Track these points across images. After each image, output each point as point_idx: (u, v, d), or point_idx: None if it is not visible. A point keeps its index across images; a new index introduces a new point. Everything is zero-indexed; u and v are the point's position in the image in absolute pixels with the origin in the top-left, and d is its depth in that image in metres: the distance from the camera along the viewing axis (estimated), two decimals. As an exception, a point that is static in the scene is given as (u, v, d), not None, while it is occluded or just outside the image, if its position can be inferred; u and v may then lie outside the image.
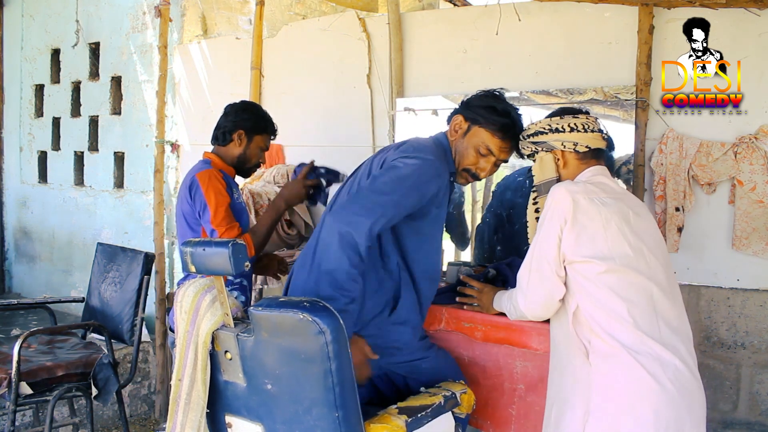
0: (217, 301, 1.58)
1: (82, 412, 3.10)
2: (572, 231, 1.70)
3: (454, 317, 2.27)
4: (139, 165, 4.40)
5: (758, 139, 2.42)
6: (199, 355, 1.59)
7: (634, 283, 1.69)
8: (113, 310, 2.89)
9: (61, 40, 4.90)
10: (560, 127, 1.89)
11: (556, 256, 1.72)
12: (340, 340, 1.42)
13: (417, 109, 3.16)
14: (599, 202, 1.73)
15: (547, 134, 1.90)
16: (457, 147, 2.07)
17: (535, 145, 1.94)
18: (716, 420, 2.54)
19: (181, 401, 1.62)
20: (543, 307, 1.77)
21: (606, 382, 1.66)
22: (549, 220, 1.74)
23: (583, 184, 1.80)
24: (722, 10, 2.44)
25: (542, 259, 1.74)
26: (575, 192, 1.73)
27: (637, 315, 1.66)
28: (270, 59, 3.73)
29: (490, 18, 2.94)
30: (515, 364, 2.13)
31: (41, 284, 5.16)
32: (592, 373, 1.68)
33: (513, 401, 2.16)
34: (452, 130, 2.09)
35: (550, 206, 1.75)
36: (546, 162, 1.92)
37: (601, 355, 1.66)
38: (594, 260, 1.67)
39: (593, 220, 1.70)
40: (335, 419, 1.46)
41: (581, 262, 1.69)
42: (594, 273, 1.68)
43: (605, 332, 1.66)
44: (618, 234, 1.71)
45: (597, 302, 1.68)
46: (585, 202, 1.71)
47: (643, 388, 1.61)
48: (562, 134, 1.88)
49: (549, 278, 1.73)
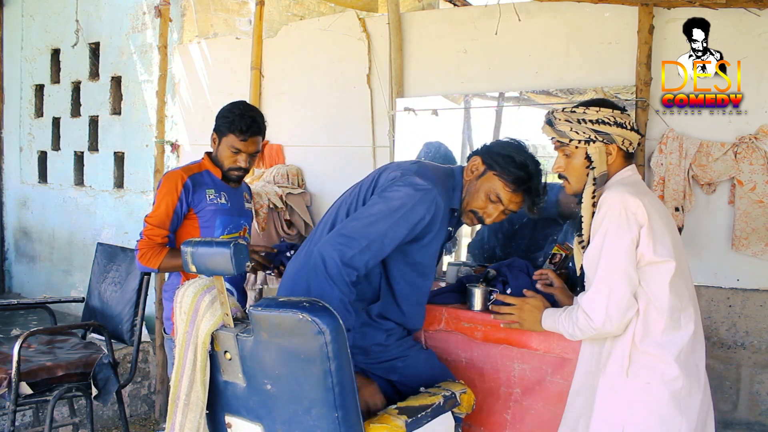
0: (217, 302, 1.58)
1: (82, 412, 3.10)
2: (650, 234, 1.68)
3: (454, 317, 2.27)
4: (139, 165, 4.41)
5: (758, 139, 2.42)
6: (198, 355, 1.59)
7: (688, 286, 1.76)
8: (113, 310, 2.89)
9: (61, 40, 4.90)
10: (625, 123, 1.81)
11: (634, 265, 1.69)
12: (339, 340, 1.42)
13: (417, 109, 3.16)
14: (653, 202, 1.75)
15: (612, 126, 1.80)
16: (469, 187, 2.08)
17: (595, 133, 1.81)
18: (716, 420, 2.54)
19: (181, 402, 1.62)
20: (622, 322, 1.71)
21: (644, 398, 1.68)
22: (621, 228, 1.69)
23: (635, 185, 1.78)
24: (722, 10, 2.44)
25: (621, 271, 1.69)
26: (639, 195, 1.71)
27: (688, 319, 1.72)
28: (270, 59, 3.73)
29: (490, 18, 2.93)
30: (513, 366, 2.13)
31: (41, 284, 5.16)
32: (629, 387, 1.70)
33: (508, 406, 2.15)
34: (468, 170, 2.10)
35: (619, 213, 1.69)
36: (602, 154, 1.82)
37: (644, 369, 1.69)
38: (671, 260, 1.68)
39: (660, 223, 1.71)
40: (335, 419, 1.46)
41: (660, 262, 1.68)
42: (667, 274, 1.68)
43: (655, 343, 1.69)
44: (675, 234, 1.75)
45: (660, 310, 1.69)
46: (649, 203, 1.71)
47: (680, 405, 1.68)
48: (625, 131, 1.81)
49: (628, 290, 1.69)
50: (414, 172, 1.98)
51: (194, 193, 2.39)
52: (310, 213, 3.58)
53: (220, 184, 2.48)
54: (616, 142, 1.81)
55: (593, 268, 1.74)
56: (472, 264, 2.90)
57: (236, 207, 2.53)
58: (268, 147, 3.74)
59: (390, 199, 1.90)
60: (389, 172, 2.04)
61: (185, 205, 2.38)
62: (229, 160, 2.44)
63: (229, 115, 2.41)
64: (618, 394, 1.71)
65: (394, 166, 2.10)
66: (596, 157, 1.82)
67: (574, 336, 1.83)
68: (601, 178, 1.82)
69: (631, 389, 1.70)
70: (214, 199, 2.43)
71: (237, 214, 2.53)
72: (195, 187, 2.40)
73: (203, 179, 2.44)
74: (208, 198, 2.41)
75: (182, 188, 2.36)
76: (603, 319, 1.70)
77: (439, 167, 2.13)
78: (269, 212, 3.36)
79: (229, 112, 2.42)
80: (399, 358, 2.10)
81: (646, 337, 1.70)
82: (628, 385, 1.70)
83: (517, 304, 2.05)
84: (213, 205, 2.43)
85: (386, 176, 2.04)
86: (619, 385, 1.71)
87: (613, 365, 1.73)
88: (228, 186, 2.51)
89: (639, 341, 1.70)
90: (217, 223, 2.44)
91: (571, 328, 1.81)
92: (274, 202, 3.36)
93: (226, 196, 2.48)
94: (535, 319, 1.99)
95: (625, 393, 1.70)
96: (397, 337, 2.12)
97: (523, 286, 2.16)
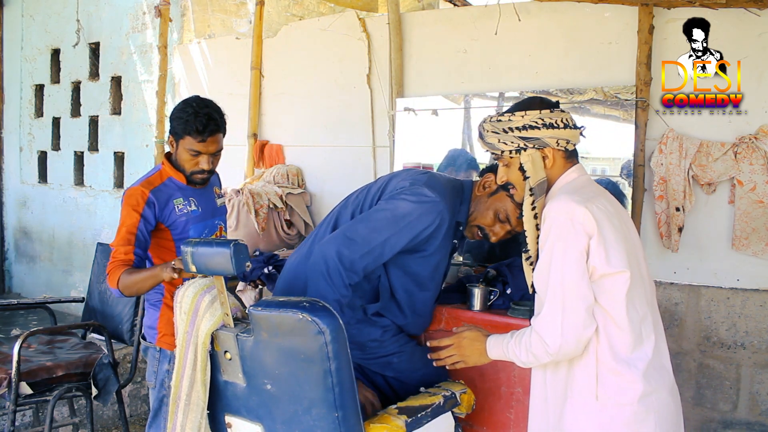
0: (217, 301, 1.58)
1: (82, 412, 3.10)
2: (600, 244, 1.54)
3: (454, 317, 2.27)
4: (139, 165, 4.40)
5: (758, 139, 2.42)
6: (198, 355, 1.59)
7: (646, 291, 1.64)
8: (113, 310, 2.89)
9: (61, 40, 4.90)
10: (555, 122, 1.66)
11: (586, 280, 1.55)
12: (339, 340, 1.42)
13: (417, 109, 3.16)
14: (604, 208, 1.60)
15: (540, 129, 1.66)
16: (478, 203, 2.08)
17: (523, 140, 1.67)
18: (716, 420, 2.54)
19: (181, 402, 1.62)
20: (579, 342, 1.56)
21: (619, 419, 1.57)
22: (568, 241, 1.55)
23: (581, 190, 1.64)
24: (722, 10, 2.44)
25: (572, 287, 1.55)
26: (586, 203, 1.56)
27: (649, 329, 1.61)
28: (270, 59, 3.73)
29: (490, 18, 2.93)
30: (513, 367, 2.12)
31: (41, 284, 5.16)
32: (601, 410, 1.58)
33: (510, 405, 2.15)
34: (480, 186, 2.10)
35: (565, 226, 1.56)
36: (537, 161, 1.68)
37: (614, 390, 1.57)
38: (625, 270, 1.55)
39: (611, 231, 1.57)
40: (335, 419, 1.46)
41: (614, 273, 1.54)
42: (621, 286, 1.55)
43: (622, 361, 1.56)
44: (628, 240, 1.62)
45: (618, 324, 1.56)
46: (598, 211, 1.56)
47: (657, 419, 1.58)
48: (557, 130, 1.66)
49: (582, 307, 1.55)
50: (423, 183, 1.98)
51: (160, 208, 2.21)
52: (310, 213, 3.58)
53: (187, 189, 2.29)
54: (549, 145, 1.67)
55: (544, 286, 1.60)
56: (472, 264, 2.90)
57: (208, 209, 2.36)
58: (268, 147, 3.74)
59: (396, 207, 1.91)
60: (399, 180, 2.04)
61: (151, 223, 2.20)
62: (189, 164, 2.23)
63: (183, 115, 2.18)
64: (590, 419, 1.59)
65: (404, 174, 2.10)
66: (529, 166, 1.68)
67: (527, 363, 1.66)
68: (540, 186, 1.69)
69: (603, 412, 1.57)
70: (184, 209, 2.26)
71: (210, 216, 2.37)
72: (159, 201, 2.21)
73: (167, 189, 2.25)
74: (177, 209, 2.24)
75: (144, 206, 2.17)
76: (559, 341, 1.55)
77: (449, 180, 2.13)
78: (269, 212, 3.37)
79: (182, 111, 2.19)
80: (394, 354, 2.11)
81: (611, 356, 1.56)
82: (600, 408, 1.58)
83: (454, 341, 1.86)
84: (184, 216, 2.26)
85: (395, 183, 2.04)
86: (590, 410, 1.59)
87: (580, 390, 1.60)
88: (195, 189, 2.31)
89: (605, 361, 1.57)
90: (191, 232, 2.29)
91: (524, 354, 1.64)
92: (274, 202, 3.36)
93: (195, 201, 2.30)
94: (478, 351, 1.80)
95: (598, 417, 1.58)
96: (393, 334, 2.13)
97: (523, 286, 2.16)
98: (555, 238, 1.57)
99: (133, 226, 2.15)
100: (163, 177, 2.28)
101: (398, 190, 1.98)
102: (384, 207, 1.93)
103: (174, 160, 2.29)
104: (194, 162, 2.22)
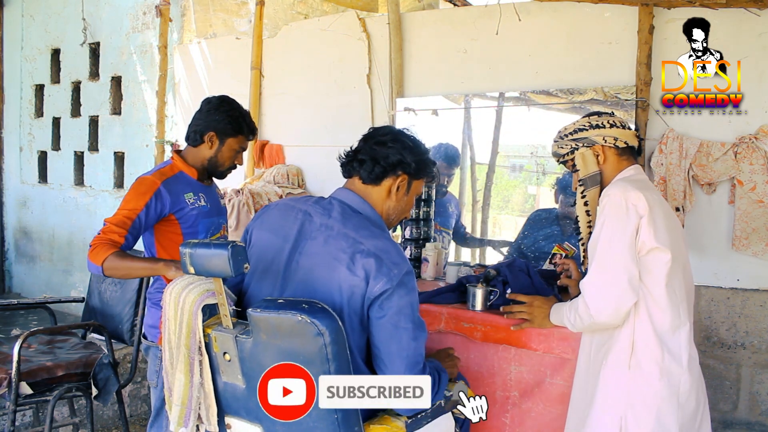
0: (197, 282, 1.57)
1: (82, 412, 3.10)
2: (650, 223, 1.71)
3: (453, 317, 2.26)
4: (139, 165, 4.40)
5: (758, 139, 2.42)
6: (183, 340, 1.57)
7: (686, 281, 1.79)
8: (113, 310, 2.88)
9: (61, 40, 4.90)
10: (600, 123, 1.92)
11: (633, 255, 1.71)
12: (338, 342, 1.42)
13: (417, 109, 3.16)
14: (656, 197, 1.78)
15: (588, 130, 1.93)
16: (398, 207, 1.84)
17: (575, 141, 1.95)
18: (716, 420, 2.54)
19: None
20: (618, 311, 1.72)
21: (644, 391, 1.71)
22: (620, 218, 1.72)
23: (637, 182, 1.81)
24: (722, 10, 2.44)
25: (618, 259, 1.71)
26: (640, 189, 1.75)
27: (685, 315, 1.75)
28: (270, 59, 3.72)
29: (490, 18, 2.93)
30: (509, 369, 2.12)
31: (41, 284, 5.16)
32: (631, 379, 1.73)
33: (506, 409, 2.15)
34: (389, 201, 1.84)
35: (619, 206, 1.73)
36: (587, 157, 1.94)
37: (645, 363, 1.72)
38: (668, 250, 1.70)
39: (662, 215, 1.74)
40: (334, 420, 1.46)
41: (658, 249, 1.70)
42: (663, 266, 1.71)
43: (656, 336, 1.72)
44: (675, 229, 1.78)
45: (658, 302, 1.72)
46: (651, 197, 1.75)
47: (678, 401, 1.72)
48: (603, 129, 1.91)
49: (624, 278, 1.70)
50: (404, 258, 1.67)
51: (171, 199, 2.23)
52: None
53: (197, 185, 2.34)
54: (597, 143, 1.91)
55: (593, 255, 1.78)
56: (471, 264, 2.90)
57: (215, 207, 2.41)
58: (268, 147, 3.73)
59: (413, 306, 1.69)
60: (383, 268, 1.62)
61: (152, 215, 2.21)
62: (230, 161, 2.37)
63: (232, 115, 2.31)
64: (618, 385, 1.74)
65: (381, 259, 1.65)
66: (579, 161, 1.95)
67: (575, 326, 1.85)
68: (592, 178, 1.94)
69: (631, 381, 1.73)
70: (195, 203, 2.30)
71: (216, 214, 2.41)
72: (171, 192, 2.23)
73: (178, 182, 2.28)
74: (189, 202, 2.27)
75: (151, 196, 2.18)
76: (600, 305, 1.72)
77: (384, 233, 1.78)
78: (269, 212, 3.36)
79: (228, 112, 2.31)
80: None
81: (650, 331, 1.72)
82: (630, 377, 1.73)
83: (527, 301, 2.09)
84: (195, 209, 2.29)
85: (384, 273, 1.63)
86: (619, 377, 1.74)
87: (615, 357, 1.75)
88: (204, 186, 2.38)
89: (642, 336, 1.72)
90: (200, 227, 2.32)
91: (573, 317, 1.84)
92: (274, 202, 3.35)
93: (204, 198, 2.35)
94: (544, 314, 2.03)
95: (626, 385, 1.73)
96: None
97: (523, 285, 2.17)
98: (608, 214, 1.75)
99: (134, 212, 2.15)
100: (174, 170, 2.31)
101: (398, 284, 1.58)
102: (414, 309, 1.63)
103: (192, 156, 2.35)
104: (235, 159, 2.38)
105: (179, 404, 1.61)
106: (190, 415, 1.61)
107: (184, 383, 1.59)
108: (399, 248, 1.64)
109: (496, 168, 3.10)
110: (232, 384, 1.59)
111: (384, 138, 1.75)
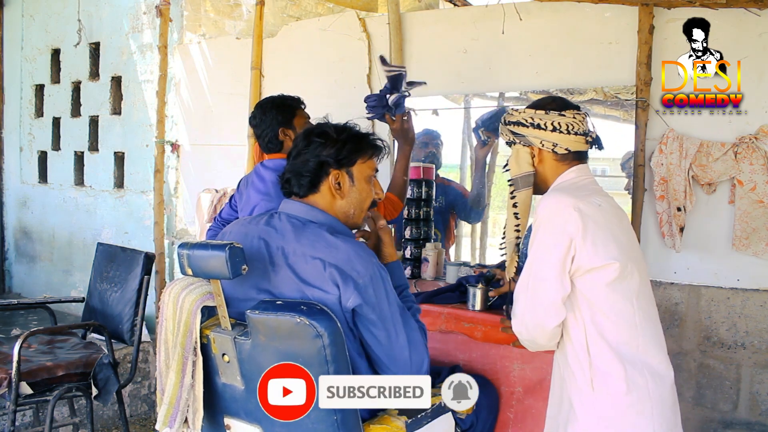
0: (197, 283, 1.57)
1: (82, 412, 3.10)
2: (585, 242, 1.57)
3: (454, 317, 2.26)
4: (139, 165, 4.40)
5: (758, 139, 2.42)
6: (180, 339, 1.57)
7: (640, 286, 1.64)
8: (113, 310, 2.88)
9: (61, 40, 4.90)
10: (543, 124, 1.72)
11: (559, 274, 1.59)
12: (337, 344, 1.42)
13: (417, 109, 3.15)
14: (597, 205, 1.62)
15: (527, 128, 1.74)
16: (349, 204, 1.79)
17: (513, 135, 1.78)
18: (716, 420, 2.54)
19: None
20: (544, 332, 1.63)
21: (611, 413, 1.60)
22: (552, 236, 1.60)
23: (575, 189, 1.68)
24: (722, 10, 2.43)
25: (540, 282, 1.61)
26: (576, 202, 1.60)
27: (643, 323, 1.62)
28: (270, 59, 3.72)
29: (491, 18, 2.93)
30: (512, 367, 2.13)
31: (41, 284, 5.16)
32: (597, 401, 1.61)
33: (511, 404, 2.15)
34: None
35: (549, 221, 1.62)
36: (522, 155, 1.76)
37: (607, 381, 1.60)
38: (613, 263, 1.57)
39: (601, 226, 1.60)
40: (333, 422, 1.46)
41: (602, 267, 1.57)
42: (609, 277, 1.58)
43: (612, 350, 1.59)
44: (621, 236, 1.64)
45: (607, 314, 1.59)
46: (587, 208, 1.60)
47: (652, 412, 1.59)
48: (543, 132, 1.72)
49: (545, 298, 1.60)
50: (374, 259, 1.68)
51: None
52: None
53: None
54: (534, 144, 1.74)
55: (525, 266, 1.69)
56: (471, 264, 2.90)
57: None
58: (268, 147, 3.73)
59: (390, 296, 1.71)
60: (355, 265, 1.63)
61: None
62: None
63: (284, 105, 2.57)
64: (588, 411, 1.63)
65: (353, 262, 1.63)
66: (512, 159, 1.79)
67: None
68: (524, 179, 1.76)
69: (598, 403, 1.62)
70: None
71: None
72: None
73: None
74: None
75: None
76: (520, 328, 1.65)
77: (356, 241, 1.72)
78: (269, 212, 3.36)
79: (279, 104, 2.57)
80: None
81: (602, 347, 1.60)
82: (595, 399, 1.62)
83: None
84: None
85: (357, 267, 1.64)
86: (586, 400, 1.63)
87: (580, 378, 1.64)
88: None
89: (596, 351, 1.61)
90: None
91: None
92: (274, 202, 3.35)
93: None
94: None
95: (595, 409, 1.62)
96: None
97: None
98: (540, 228, 1.64)
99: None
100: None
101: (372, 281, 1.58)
102: (392, 303, 1.63)
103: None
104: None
105: (167, 403, 1.60)
106: (177, 416, 1.60)
107: (174, 382, 1.59)
108: (358, 249, 1.57)
109: (496, 168, 3.10)
110: (231, 385, 1.59)
111: (298, 147, 1.71)
